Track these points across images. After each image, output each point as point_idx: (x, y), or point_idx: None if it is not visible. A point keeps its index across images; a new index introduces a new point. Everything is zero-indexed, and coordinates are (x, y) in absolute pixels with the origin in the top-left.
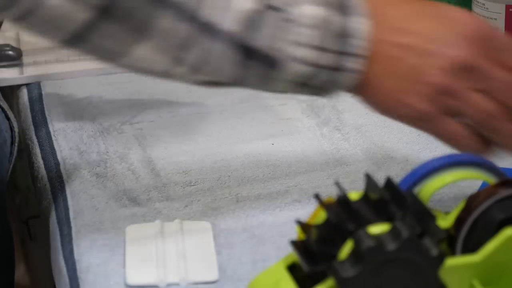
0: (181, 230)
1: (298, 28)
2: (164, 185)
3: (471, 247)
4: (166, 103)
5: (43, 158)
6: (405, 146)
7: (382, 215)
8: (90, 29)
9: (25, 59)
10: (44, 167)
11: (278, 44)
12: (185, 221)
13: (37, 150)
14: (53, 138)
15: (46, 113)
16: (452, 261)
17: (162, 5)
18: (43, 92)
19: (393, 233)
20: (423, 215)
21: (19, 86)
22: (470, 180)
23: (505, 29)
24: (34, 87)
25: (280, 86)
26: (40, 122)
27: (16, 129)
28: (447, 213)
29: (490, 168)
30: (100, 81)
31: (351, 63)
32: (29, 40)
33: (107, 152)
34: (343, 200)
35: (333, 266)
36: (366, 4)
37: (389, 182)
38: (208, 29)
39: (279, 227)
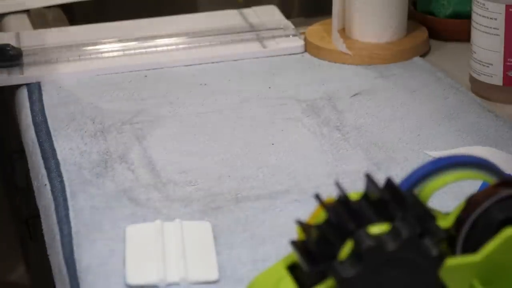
0: (181, 230)
1: None
2: (164, 185)
3: (471, 247)
4: (166, 103)
5: (43, 158)
6: (405, 146)
7: (382, 215)
8: None
9: (25, 59)
10: (44, 167)
11: None
12: (185, 221)
13: (37, 150)
14: (53, 138)
15: (46, 113)
16: (452, 261)
17: None
18: (43, 92)
19: (393, 233)
20: (423, 215)
21: (19, 86)
22: (470, 180)
23: (505, 29)
24: (34, 87)
25: None
26: (40, 122)
27: None
28: (447, 213)
29: (490, 168)
30: (100, 81)
31: None
32: (29, 40)
33: (107, 152)
34: (343, 200)
35: (333, 266)
36: None
37: (389, 182)
38: None
39: (279, 227)
